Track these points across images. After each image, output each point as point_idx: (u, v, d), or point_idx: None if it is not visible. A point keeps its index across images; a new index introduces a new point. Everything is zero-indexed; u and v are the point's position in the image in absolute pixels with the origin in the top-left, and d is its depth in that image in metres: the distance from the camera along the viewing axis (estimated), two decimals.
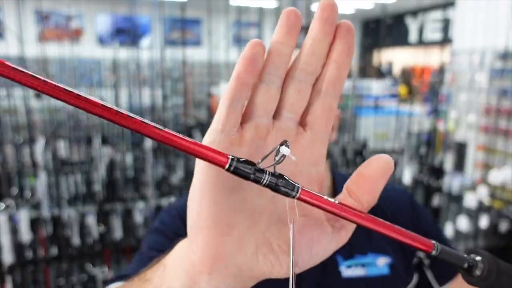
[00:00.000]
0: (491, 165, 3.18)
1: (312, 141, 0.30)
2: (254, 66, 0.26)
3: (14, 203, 2.42)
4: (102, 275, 2.56)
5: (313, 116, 0.30)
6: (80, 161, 2.78)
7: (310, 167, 0.30)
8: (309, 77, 0.29)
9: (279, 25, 0.27)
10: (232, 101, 0.27)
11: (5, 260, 2.32)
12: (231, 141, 0.27)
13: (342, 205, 0.26)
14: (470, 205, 2.81)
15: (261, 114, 0.28)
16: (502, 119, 3.14)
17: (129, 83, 3.16)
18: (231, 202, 0.28)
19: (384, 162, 0.28)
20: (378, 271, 0.67)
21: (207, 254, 0.28)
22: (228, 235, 0.28)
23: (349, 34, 0.28)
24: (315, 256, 0.30)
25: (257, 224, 0.29)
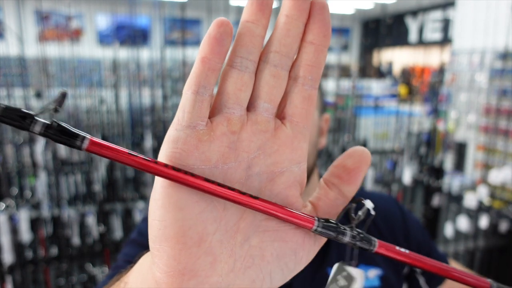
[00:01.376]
0: (491, 165, 3.18)
1: (292, 136, 0.26)
2: (222, 47, 0.23)
3: (14, 203, 2.42)
4: (102, 275, 2.56)
5: (291, 107, 0.26)
6: (80, 161, 2.78)
7: (292, 166, 0.27)
8: (285, 60, 0.25)
9: (249, 2, 0.24)
10: (198, 88, 0.23)
11: (5, 260, 2.32)
12: (199, 137, 0.24)
13: (413, 254, 0.26)
14: (470, 205, 2.81)
15: (233, 105, 0.25)
16: (502, 119, 3.14)
17: (129, 83, 3.16)
18: (199, 208, 0.24)
19: (363, 152, 0.27)
20: (369, 284, 0.66)
21: (174, 270, 0.24)
22: (198, 247, 0.24)
23: (325, 12, 0.25)
24: (300, 262, 0.27)
25: (233, 235, 0.25)
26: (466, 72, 3.56)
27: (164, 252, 0.24)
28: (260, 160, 0.26)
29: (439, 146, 3.56)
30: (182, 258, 0.24)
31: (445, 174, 3.34)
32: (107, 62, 3.45)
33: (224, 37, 0.23)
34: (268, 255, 0.26)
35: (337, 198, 0.28)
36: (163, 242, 0.24)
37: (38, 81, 3.09)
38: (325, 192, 0.28)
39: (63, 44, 2.86)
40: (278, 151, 0.26)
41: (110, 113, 3.20)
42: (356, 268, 0.26)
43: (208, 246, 0.25)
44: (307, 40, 0.26)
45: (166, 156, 0.24)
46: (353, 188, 0.28)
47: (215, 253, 0.25)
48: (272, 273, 0.26)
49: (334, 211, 0.28)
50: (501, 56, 3.19)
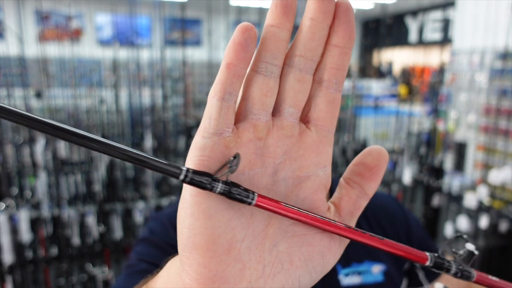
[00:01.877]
0: (491, 165, 3.18)
1: (318, 140, 0.26)
2: (246, 52, 0.23)
3: (14, 203, 2.43)
4: (102, 275, 2.56)
5: (316, 111, 0.26)
6: (80, 161, 2.78)
7: (317, 170, 0.27)
8: (309, 64, 0.25)
9: (273, 5, 0.24)
10: (224, 95, 0.23)
11: (5, 260, 2.32)
12: (226, 144, 0.24)
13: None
14: (470, 205, 2.81)
15: (258, 110, 0.24)
16: (502, 119, 3.14)
17: (129, 83, 3.16)
18: (228, 216, 0.24)
19: (381, 150, 0.28)
20: (373, 279, 0.67)
21: (205, 277, 0.24)
22: (227, 254, 0.24)
23: (350, 14, 0.25)
24: (328, 264, 0.28)
25: (261, 241, 0.26)
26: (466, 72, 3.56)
27: (194, 260, 0.24)
28: (286, 165, 0.26)
29: (439, 146, 3.56)
30: (212, 265, 0.24)
31: (445, 174, 3.34)
32: (107, 62, 3.45)
33: (249, 43, 0.23)
34: (296, 260, 0.26)
35: (359, 197, 0.28)
36: (193, 250, 0.24)
37: (38, 81, 3.09)
38: (346, 191, 0.28)
39: (63, 44, 2.86)
40: (303, 156, 0.26)
41: (110, 113, 3.20)
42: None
43: (237, 253, 0.25)
44: (332, 43, 0.25)
45: (194, 163, 0.24)
46: (374, 185, 0.28)
47: (244, 260, 0.25)
48: (301, 277, 0.26)
49: (356, 211, 0.28)
50: (501, 56, 3.19)
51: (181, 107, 3.52)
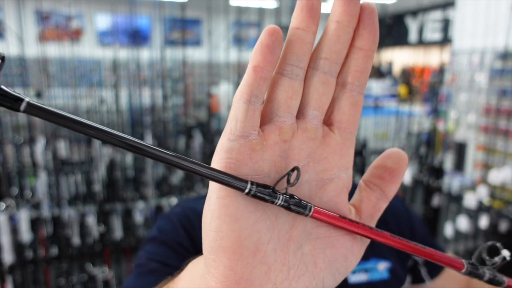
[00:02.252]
0: (491, 165, 3.18)
1: (341, 142, 0.26)
2: (273, 55, 0.23)
3: (14, 203, 2.43)
4: (102, 275, 2.56)
5: (340, 113, 0.26)
6: (80, 161, 2.78)
7: (340, 172, 0.27)
8: (334, 67, 0.25)
9: (298, 8, 0.24)
10: (250, 97, 0.23)
11: (5, 260, 2.32)
12: (252, 147, 0.24)
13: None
14: (470, 205, 2.81)
15: (284, 113, 0.24)
16: (502, 119, 3.14)
17: (129, 83, 3.16)
18: (254, 218, 0.24)
19: (401, 153, 0.28)
20: (379, 276, 0.68)
21: (231, 279, 0.24)
22: (254, 256, 0.24)
23: (374, 17, 0.25)
24: (350, 266, 0.28)
25: (286, 243, 0.26)
26: (466, 72, 3.56)
27: (221, 263, 0.24)
28: (310, 167, 0.26)
29: (439, 146, 3.56)
30: (239, 268, 0.24)
31: (445, 174, 3.34)
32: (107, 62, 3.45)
33: (276, 45, 0.23)
34: (320, 261, 0.26)
35: (379, 199, 0.28)
36: (220, 253, 0.24)
37: (38, 81, 3.09)
38: (367, 194, 0.28)
39: (63, 44, 2.86)
40: (327, 158, 0.26)
41: (110, 113, 3.20)
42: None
43: (263, 255, 0.24)
44: (357, 46, 0.25)
45: (221, 166, 0.24)
46: (395, 187, 0.28)
47: (269, 262, 0.25)
48: (325, 279, 0.27)
49: (376, 213, 0.29)
50: (501, 56, 3.19)
51: (181, 107, 3.52)
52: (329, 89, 0.26)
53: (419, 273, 0.76)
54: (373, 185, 0.28)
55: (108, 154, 2.91)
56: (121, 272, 2.75)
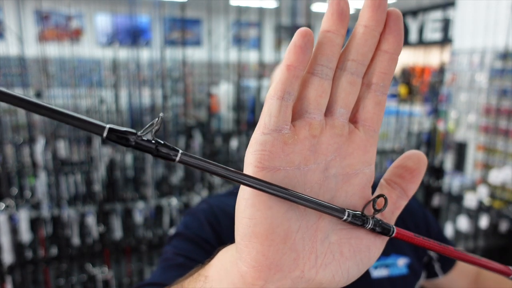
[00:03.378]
0: (491, 165, 3.18)
1: (365, 139, 0.28)
2: (305, 55, 0.25)
3: (14, 203, 2.42)
4: (102, 275, 2.56)
5: (364, 112, 0.28)
6: (80, 161, 2.78)
7: (364, 168, 0.29)
8: (360, 68, 0.27)
9: (329, 12, 0.25)
10: (283, 94, 0.25)
11: (5, 260, 2.32)
12: (284, 140, 0.25)
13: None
14: (470, 205, 2.81)
15: (314, 110, 0.26)
16: (502, 119, 3.14)
17: (129, 83, 3.16)
18: (285, 207, 0.26)
19: (420, 154, 0.30)
20: (399, 271, 0.71)
21: (262, 264, 0.25)
22: (284, 243, 0.26)
23: (400, 22, 0.27)
24: (373, 257, 0.29)
25: (314, 233, 0.27)
26: (466, 72, 3.56)
27: (253, 248, 0.26)
28: (336, 162, 0.28)
29: (439, 146, 3.56)
30: (270, 254, 0.25)
31: (445, 174, 3.34)
32: (107, 62, 3.45)
33: (308, 46, 0.24)
34: (346, 251, 0.28)
35: (399, 197, 0.30)
36: (253, 239, 0.26)
37: (38, 81, 3.09)
38: (388, 192, 0.30)
39: (63, 44, 2.86)
40: (352, 154, 0.28)
41: (110, 113, 3.20)
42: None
43: (292, 243, 0.26)
44: (382, 49, 0.27)
45: (255, 157, 0.25)
46: (414, 186, 0.30)
47: (298, 250, 0.26)
48: (350, 269, 0.28)
49: (396, 210, 0.30)
50: (501, 56, 3.19)
51: (181, 107, 3.52)
52: (356, 89, 0.27)
53: (433, 268, 0.80)
54: (394, 183, 0.30)
55: (108, 154, 2.91)
56: (121, 272, 2.75)
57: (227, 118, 4.21)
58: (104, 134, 0.22)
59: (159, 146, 0.23)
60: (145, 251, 2.75)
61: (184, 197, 2.87)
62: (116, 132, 0.22)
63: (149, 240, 2.77)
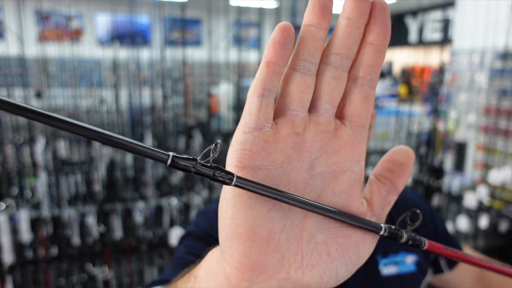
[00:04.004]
0: (491, 165, 3.18)
1: (353, 136, 0.27)
2: (285, 51, 0.24)
3: (14, 203, 2.43)
4: (102, 275, 2.56)
5: (351, 107, 0.27)
6: (80, 161, 2.78)
7: (353, 165, 0.28)
8: (345, 62, 0.26)
9: (310, 5, 0.25)
10: (263, 91, 0.24)
11: (5, 260, 2.32)
12: (265, 139, 0.25)
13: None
14: (470, 205, 2.81)
15: (296, 107, 0.25)
16: (502, 119, 3.14)
17: (129, 83, 3.16)
18: (268, 207, 0.25)
19: (408, 149, 0.29)
20: (408, 269, 0.73)
21: (245, 266, 0.25)
22: (267, 244, 0.25)
23: (385, 12, 0.25)
24: (362, 255, 0.29)
25: (299, 233, 0.26)
26: (466, 72, 3.56)
27: (235, 249, 0.25)
28: (322, 160, 0.27)
29: (439, 146, 3.56)
30: (252, 254, 0.25)
31: (445, 174, 3.34)
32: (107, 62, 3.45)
33: (287, 41, 0.24)
34: (333, 251, 0.27)
35: (389, 192, 0.29)
36: (234, 240, 0.25)
37: (38, 81, 3.09)
38: (377, 187, 0.29)
39: (63, 44, 2.86)
40: (339, 151, 0.27)
41: (110, 113, 3.20)
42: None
43: (276, 243, 0.26)
44: (368, 41, 0.26)
45: (235, 157, 0.25)
46: (404, 180, 0.29)
47: (282, 251, 0.26)
48: (338, 269, 0.28)
49: (386, 205, 0.30)
50: (501, 56, 3.19)
51: (181, 107, 3.52)
52: (341, 84, 0.26)
53: (439, 264, 0.82)
54: (383, 178, 0.29)
55: (108, 154, 2.91)
56: (121, 272, 2.75)
57: (227, 118, 4.21)
58: (168, 162, 0.23)
59: (216, 171, 0.24)
60: (145, 251, 2.75)
61: (184, 197, 2.87)
62: (179, 158, 0.23)
63: (149, 240, 2.77)
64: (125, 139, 0.22)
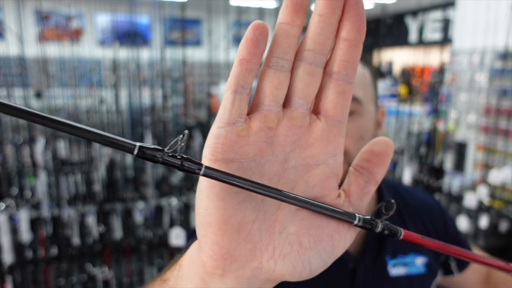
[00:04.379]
0: (491, 165, 3.18)
1: (328, 130, 0.28)
2: (258, 48, 0.24)
3: (14, 203, 2.42)
4: (102, 275, 2.56)
5: (326, 102, 0.27)
6: (80, 161, 2.78)
7: (327, 158, 0.28)
8: (319, 58, 0.26)
9: (284, 4, 0.25)
10: (237, 88, 0.25)
11: (5, 260, 2.32)
12: (238, 133, 0.26)
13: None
14: (470, 205, 2.81)
15: (270, 102, 0.26)
16: (502, 119, 3.14)
17: (129, 83, 3.16)
18: (239, 198, 0.26)
19: (387, 140, 0.29)
20: (417, 270, 0.72)
21: (217, 254, 0.26)
22: (238, 234, 0.26)
23: (359, 7, 0.26)
24: (337, 246, 0.29)
25: (272, 224, 0.27)
26: (466, 72, 3.56)
27: (208, 238, 0.26)
28: (296, 153, 0.27)
29: (439, 146, 3.56)
30: (224, 243, 0.26)
31: (445, 174, 3.34)
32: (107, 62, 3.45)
33: (260, 39, 0.24)
34: (305, 241, 0.28)
35: (367, 182, 0.29)
36: (207, 229, 0.26)
37: (38, 81, 3.09)
38: (355, 178, 0.29)
39: (63, 44, 2.86)
40: (313, 145, 0.28)
41: (110, 113, 3.20)
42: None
43: (248, 233, 0.26)
44: (341, 37, 0.26)
45: (209, 150, 0.26)
46: (382, 170, 0.29)
47: (254, 241, 0.27)
48: (311, 259, 0.28)
49: (365, 196, 0.30)
50: (501, 56, 3.19)
51: (181, 107, 3.52)
52: (315, 79, 0.27)
53: (449, 267, 0.81)
54: (362, 168, 0.29)
55: (108, 154, 2.91)
56: (121, 272, 2.75)
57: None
58: (135, 152, 0.23)
59: (184, 161, 0.24)
60: (145, 251, 2.75)
61: (184, 197, 2.87)
62: (146, 148, 0.24)
63: (149, 240, 2.77)
64: (92, 130, 0.22)
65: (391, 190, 0.80)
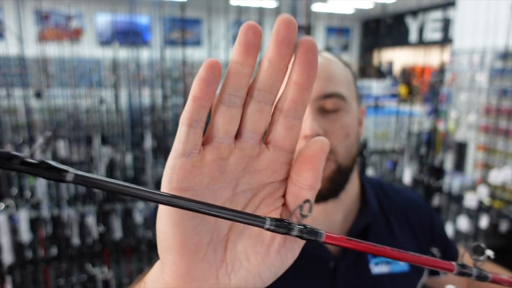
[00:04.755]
0: (491, 165, 3.18)
1: (275, 159, 0.29)
2: (209, 87, 0.26)
3: (14, 203, 2.42)
4: (102, 275, 2.56)
5: (275, 134, 0.29)
6: (80, 161, 2.78)
7: (274, 182, 0.30)
8: (268, 96, 0.28)
9: (237, 43, 0.26)
10: (191, 122, 0.26)
11: (5, 260, 2.32)
12: (192, 164, 0.27)
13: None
14: (470, 205, 2.81)
15: (222, 135, 0.28)
16: (502, 119, 3.14)
17: (129, 83, 3.16)
18: (194, 223, 0.28)
19: (319, 140, 0.29)
20: (400, 268, 0.73)
21: (177, 274, 0.28)
22: (195, 255, 0.28)
23: (310, 52, 0.27)
24: (286, 260, 0.30)
25: (225, 244, 0.29)
26: (466, 72, 3.56)
27: (168, 260, 0.29)
28: (245, 179, 0.30)
29: (439, 146, 3.56)
30: (182, 265, 0.28)
31: (445, 174, 3.34)
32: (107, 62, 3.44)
33: (211, 78, 0.25)
34: (252, 258, 0.30)
35: (301, 189, 0.29)
36: (167, 252, 0.28)
37: (38, 81, 3.09)
38: (290, 188, 0.30)
39: (63, 44, 2.86)
40: (260, 172, 0.30)
41: (110, 113, 3.20)
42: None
43: (204, 254, 0.28)
44: (292, 79, 0.28)
45: (166, 179, 0.28)
46: (312, 173, 0.29)
47: (210, 260, 0.29)
48: (261, 273, 0.30)
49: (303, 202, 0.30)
50: (501, 56, 3.19)
51: (181, 107, 3.52)
52: (264, 116, 0.28)
53: None
54: (295, 176, 0.30)
55: (108, 154, 2.91)
56: (121, 272, 2.75)
57: None
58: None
59: (47, 168, 0.23)
60: (145, 251, 2.75)
61: None
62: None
63: (149, 240, 2.77)
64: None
65: (377, 190, 0.80)
